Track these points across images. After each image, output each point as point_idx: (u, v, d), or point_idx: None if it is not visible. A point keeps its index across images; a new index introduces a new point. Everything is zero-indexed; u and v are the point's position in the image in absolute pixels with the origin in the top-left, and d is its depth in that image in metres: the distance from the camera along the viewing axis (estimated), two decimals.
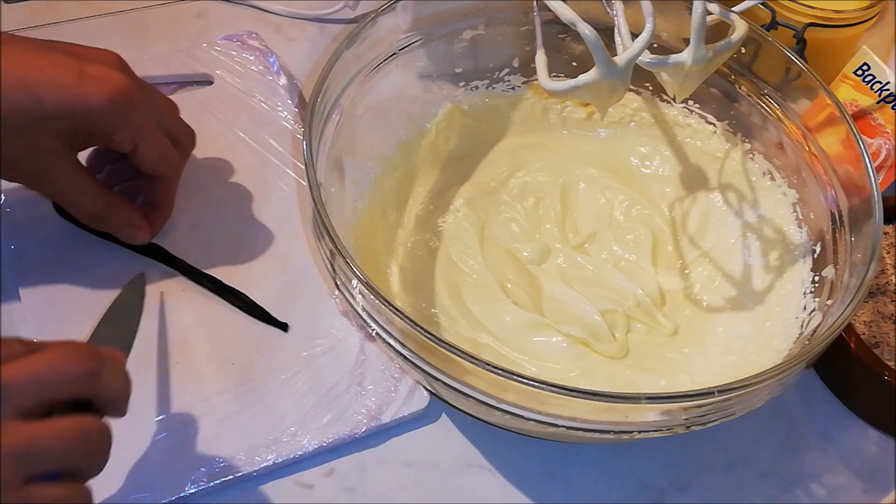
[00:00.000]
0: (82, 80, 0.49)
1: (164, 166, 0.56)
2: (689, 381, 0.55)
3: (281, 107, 0.68)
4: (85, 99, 0.49)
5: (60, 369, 0.38)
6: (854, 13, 0.68)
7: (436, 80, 0.65)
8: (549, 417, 0.46)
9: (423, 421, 0.55)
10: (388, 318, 0.46)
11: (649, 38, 0.48)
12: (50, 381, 0.38)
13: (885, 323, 0.59)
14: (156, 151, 0.54)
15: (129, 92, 0.51)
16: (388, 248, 0.60)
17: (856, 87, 0.65)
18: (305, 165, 0.50)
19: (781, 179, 0.62)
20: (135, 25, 0.73)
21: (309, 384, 0.54)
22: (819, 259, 0.57)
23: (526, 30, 0.64)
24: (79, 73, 0.50)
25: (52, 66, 0.49)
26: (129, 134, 0.52)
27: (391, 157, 0.62)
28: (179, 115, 0.58)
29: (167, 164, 0.56)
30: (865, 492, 0.55)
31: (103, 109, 0.50)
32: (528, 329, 0.57)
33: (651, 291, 0.60)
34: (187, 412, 0.52)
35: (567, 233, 0.63)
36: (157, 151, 0.54)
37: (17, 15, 0.72)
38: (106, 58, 0.53)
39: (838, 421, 0.58)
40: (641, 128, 0.67)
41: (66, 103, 0.49)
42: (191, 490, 0.49)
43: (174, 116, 0.57)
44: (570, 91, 0.49)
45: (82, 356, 0.39)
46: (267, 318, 0.56)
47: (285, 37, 0.75)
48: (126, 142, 0.52)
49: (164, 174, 0.56)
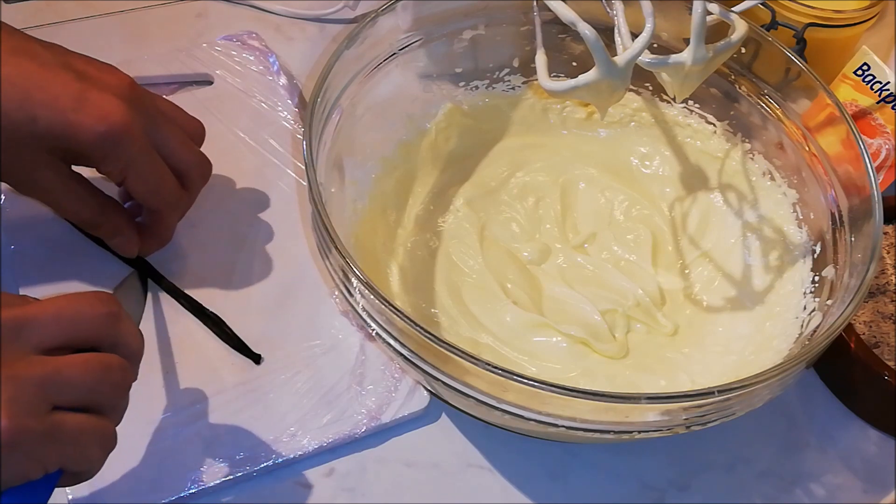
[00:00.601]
0: (81, 107, 0.49)
1: (155, 200, 0.54)
2: (689, 381, 0.55)
3: (281, 107, 0.68)
4: (77, 127, 0.49)
5: (84, 310, 0.39)
6: (854, 13, 0.68)
7: (436, 80, 0.65)
8: (549, 417, 0.46)
9: (423, 421, 0.55)
10: (388, 318, 0.46)
11: (649, 38, 0.48)
12: (73, 320, 0.39)
13: (885, 323, 0.59)
14: (145, 185, 0.53)
15: (125, 127, 0.50)
16: (388, 248, 0.60)
17: (856, 87, 0.65)
18: (305, 165, 0.50)
19: (781, 179, 0.62)
20: (135, 25, 0.73)
21: (309, 384, 0.54)
22: (819, 259, 0.57)
23: (526, 30, 0.64)
24: (79, 99, 0.49)
25: (55, 87, 0.49)
26: (118, 167, 0.51)
27: (391, 157, 0.62)
28: (194, 146, 0.56)
29: (159, 198, 0.54)
30: (865, 492, 0.55)
31: (94, 141, 0.49)
32: (528, 329, 0.57)
33: (651, 291, 0.60)
34: (187, 412, 0.52)
35: (567, 233, 0.63)
36: (147, 186, 0.53)
37: (17, 15, 0.72)
38: (115, 83, 0.51)
39: (838, 421, 0.58)
40: (641, 128, 0.67)
41: (58, 127, 0.49)
42: (191, 490, 0.49)
43: (184, 148, 0.55)
44: (570, 91, 0.49)
45: (103, 300, 0.40)
46: (242, 348, 0.55)
47: (285, 37, 0.75)
48: (114, 173, 0.52)
49: (155, 208, 0.55)
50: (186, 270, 0.58)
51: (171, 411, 0.52)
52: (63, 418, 0.38)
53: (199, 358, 0.55)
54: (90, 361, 0.39)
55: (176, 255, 0.59)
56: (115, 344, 0.40)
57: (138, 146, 0.51)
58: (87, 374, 0.38)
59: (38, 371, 0.37)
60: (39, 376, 0.37)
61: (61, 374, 0.38)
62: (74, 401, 0.38)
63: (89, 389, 0.39)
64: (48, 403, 0.37)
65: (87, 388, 0.39)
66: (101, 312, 0.40)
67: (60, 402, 0.38)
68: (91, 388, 0.39)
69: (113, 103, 0.50)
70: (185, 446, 0.51)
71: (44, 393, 0.37)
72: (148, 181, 0.53)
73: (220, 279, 0.58)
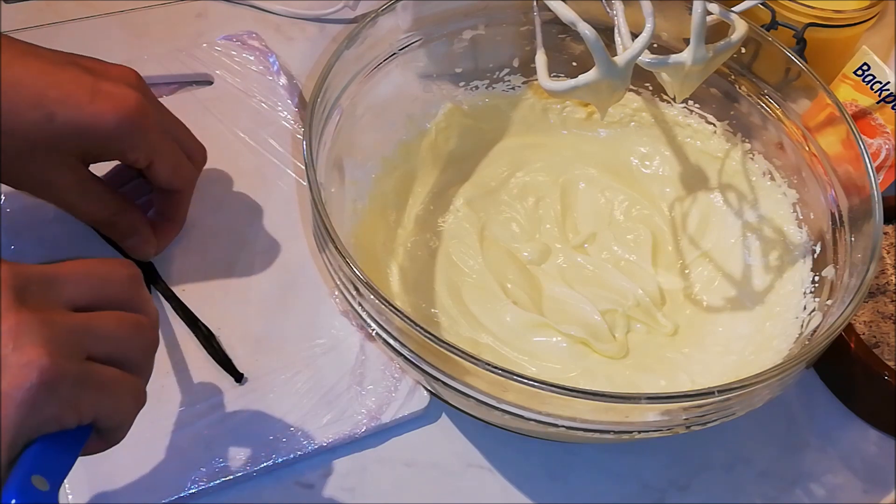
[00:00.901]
0: (95, 98, 0.49)
1: (179, 180, 0.56)
2: (689, 381, 0.55)
3: (281, 107, 0.68)
4: (97, 117, 0.49)
5: (112, 271, 0.40)
6: (854, 13, 0.68)
7: (436, 80, 0.65)
8: (549, 417, 0.46)
9: (423, 421, 0.55)
10: (388, 318, 0.46)
11: (649, 38, 0.48)
12: (103, 279, 0.39)
13: (885, 323, 0.59)
14: (171, 166, 0.54)
15: (142, 110, 0.51)
16: (388, 248, 0.60)
17: (856, 87, 0.65)
18: (305, 165, 0.50)
19: (781, 179, 0.62)
20: (135, 25, 0.73)
21: (309, 384, 0.54)
22: (819, 259, 0.57)
23: (526, 30, 0.64)
24: (92, 91, 0.49)
25: (66, 82, 0.49)
26: (144, 152, 0.52)
27: (391, 157, 0.62)
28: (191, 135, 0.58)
29: (182, 177, 0.56)
30: (865, 492, 0.55)
31: (116, 128, 0.50)
32: (528, 329, 0.57)
33: (651, 291, 0.60)
34: (187, 412, 0.52)
35: (567, 233, 0.63)
36: (172, 166, 0.55)
37: (17, 15, 0.72)
38: (122, 74, 0.52)
39: (838, 421, 0.58)
40: (641, 128, 0.67)
41: (77, 121, 0.49)
42: (191, 490, 0.49)
43: (185, 132, 0.57)
44: (570, 91, 0.49)
45: (126, 265, 0.41)
46: (228, 365, 0.54)
47: (285, 37, 0.75)
48: (141, 159, 0.52)
49: (179, 188, 0.56)
50: (186, 270, 0.58)
51: (171, 411, 0.52)
52: (99, 368, 0.37)
53: (200, 358, 0.55)
54: (124, 318, 0.39)
55: (176, 254, 0.59)
56: (138, 307, 0.41)
57: (157, 128, 0.52)
58: (121, 328, 0.39)
59: (74, 320, 0.37)
60: (76, 324, 0.37)
61: (96, 326, 0.37)
62: (108, 353, 0.38)
63: (123, 344, 0.39)
64: (84, 351, 0.37)
65: (121, 342, 0.38)
66: (126, 273, 0.40)
67: (94, 353, 0.37)
68: (125, 342, 0.39)
69: (126, 91, 0.51)
70: (185, 446, 0.51)
71: (80, 340, 0.37)
72: (171, 162, 0.54)
73: (219, 279, 0.58)
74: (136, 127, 0.50)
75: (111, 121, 0.49)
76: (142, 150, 0.52)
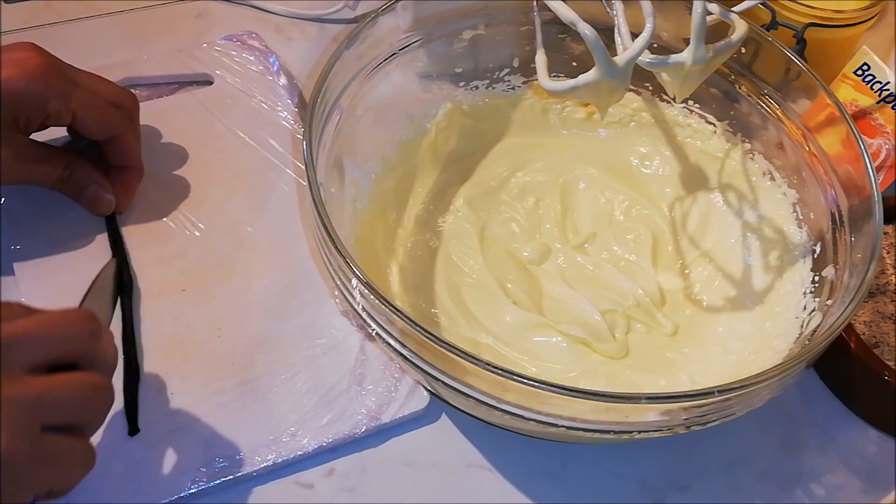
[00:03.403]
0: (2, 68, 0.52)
1: (110, 126, 0.57)
2: (689, 381, 0.55)
3: (281, 107, 0.68)
4: (8, 82, 0.52)
5: (67, 327, 0.40)
6: (854, 13, 0.68)
7: (436, 80, 0.65)
8: (549, 417, 0.46)
9: (423, 421, 0.55)
10: (388, 318, 0.46)
11: (649, 38, 0.48)
12: (57, 338, 0.40)
13: (885, 323, 0.59)
14: (95, 114, 0.56)
15: (47, 65, 0.53)
16: (388, 248, 0.60)
17: (856, 87, 0.65)
18: (305, 165, 0.50)
19: (781, 179, 0.62)
20: (135, 25, 0.73)
21: (309, 384, 0.54)
22: (819, 259, 0.57)
23: (526, 30, 0.64)
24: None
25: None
26: (62, 102, 0.54)
27: (391, 157, 0.62)
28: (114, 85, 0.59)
29: (112, 123, 0.57)
30: (865, 492, 0.55)
31: (27, 86, 0.52)
32: (528, 329, 0.57)
33: (651, 291, 0.60)
34: (187, 412, 0.52)
35: (567, 233, 0.63)
36: (97, 114, 0.56)
37: (17, 15, 0.72)
38: (19, 46, 0.55)
39: (838, 421, 0.58)
40: (641, 128, 0.67)
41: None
42: (191, 490, 0.49)
43: (104, 83, 0.58)
44: (570, 91, 0.49)
45: (84, 318, 0.41)
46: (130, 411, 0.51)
47: (285, 37, 0.75)
48: (63, 111, 0.54)
49: (113, 133, 0.57)
50: (186, 270, 0.58)
51: (171, 411, 0.52)
52: (53, 440, 0.38)
53: (199, 358, 0.55)
54: (79, 382, 0.39)
55: (176, 254, 0.59)
56: (94, 360, 0.41)
57: (68, 79, 0.54)
58: (77, 393, 0.39)
59: (31, 392, 0.37)
60: (32, 398, 0.37)
61: (52, 395, 0.38)
62: (63, 421, 0.39)
63: (78, 410, 0.39)
64: (39, 424, 0.37)
65: (77, 408, 0.39)
66: (84, 329, 0.41)
67: (49, 423, 0.38)
68: (80, 408, 0.39)
69: (27, 54, 0.53)
70: (185, 446, 0.51)
71: (36, 414, 0.37)
72: (94, 110, 0.56)
73: (219, 279, 0.58)
74: (44, 79, 0.53)
75: (21, 80, 0.52)
76: (60, 101, 0.53)
